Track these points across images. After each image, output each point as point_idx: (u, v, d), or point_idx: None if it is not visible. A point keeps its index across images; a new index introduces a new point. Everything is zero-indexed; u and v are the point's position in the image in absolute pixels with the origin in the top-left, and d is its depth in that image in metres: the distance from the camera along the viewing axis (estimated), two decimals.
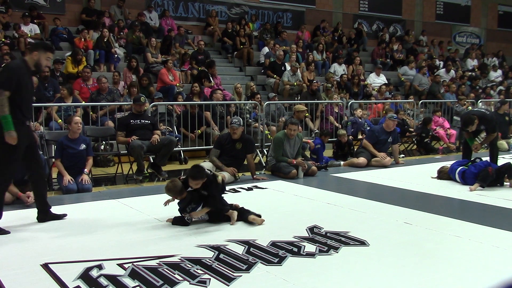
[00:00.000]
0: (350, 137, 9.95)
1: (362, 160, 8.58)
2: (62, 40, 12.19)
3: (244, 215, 4.90)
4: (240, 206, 5.12)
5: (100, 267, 3.62)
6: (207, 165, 6.98)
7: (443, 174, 7.35)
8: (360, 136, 10.39)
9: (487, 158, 7.64)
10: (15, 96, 4.59)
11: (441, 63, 17.22)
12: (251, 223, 4.82)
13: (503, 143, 10.60)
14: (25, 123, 4.80)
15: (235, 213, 4.91)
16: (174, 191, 4.83)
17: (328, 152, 9.59)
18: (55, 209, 5.40)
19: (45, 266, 3.64)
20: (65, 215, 5.17)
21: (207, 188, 4.78)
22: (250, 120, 9.99)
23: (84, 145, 6.63)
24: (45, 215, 5.04)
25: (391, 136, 8.83)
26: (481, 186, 6.56)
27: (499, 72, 18.19)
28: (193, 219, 4.82)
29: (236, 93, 11.35)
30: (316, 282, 3.40)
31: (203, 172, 4.78)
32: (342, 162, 8.84)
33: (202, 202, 4.83)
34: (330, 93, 12.25)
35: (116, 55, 11.89)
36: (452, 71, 16.31)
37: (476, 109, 9.64)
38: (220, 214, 4.89)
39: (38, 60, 4.76)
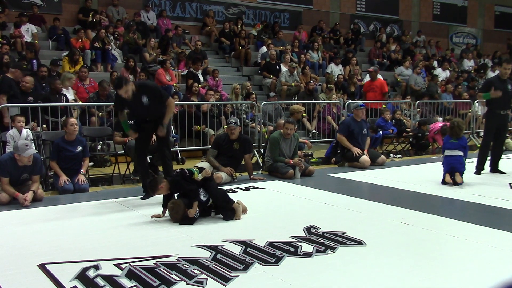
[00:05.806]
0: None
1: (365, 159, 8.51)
2: (57, 40, 12.13)
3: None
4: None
5: (97, 267, 3.62)
6: (204, 165, 6.99)
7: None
8: None
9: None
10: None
11: (436, 61, 17.23)
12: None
13: (509, 142, 10.68)
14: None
15: (240, 209, 5.04)
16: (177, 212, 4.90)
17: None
18: (50, 210, 5.39)
19: (42, 267, 3.64)
20: None
21: (177, 189, 4.95)
22: (247, 121, 9.96)
23: (80, 147, 6.60)
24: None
25: (364, 127, 8.74)
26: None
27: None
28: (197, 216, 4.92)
29: (234, 93, 11.31)
30: (313, 282, 3.40)
31: (157, 181, 4.94)
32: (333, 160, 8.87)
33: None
34: (329, 94, 12.25)
35: (110, 51, 11.84)
36: (447, 71, 16.33)
37: None
38: (222, 208, 5.03)
39: None
